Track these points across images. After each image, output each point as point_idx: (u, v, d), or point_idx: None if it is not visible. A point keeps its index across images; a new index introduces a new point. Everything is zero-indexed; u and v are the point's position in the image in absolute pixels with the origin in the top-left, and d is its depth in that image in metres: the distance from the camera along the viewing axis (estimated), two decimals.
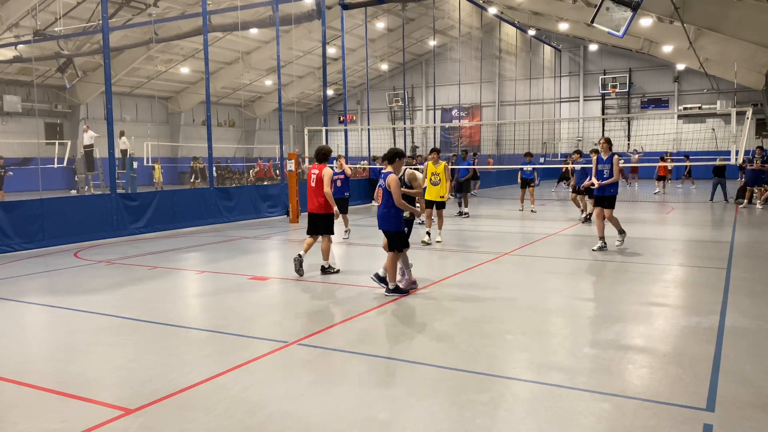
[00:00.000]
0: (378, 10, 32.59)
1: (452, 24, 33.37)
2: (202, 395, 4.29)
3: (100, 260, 10.10)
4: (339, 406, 4.07)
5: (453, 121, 40.72)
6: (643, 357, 5.01)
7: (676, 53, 31.92)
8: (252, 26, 25.17)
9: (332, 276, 8.52)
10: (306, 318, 6.39)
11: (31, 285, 8.31)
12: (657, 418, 3.82)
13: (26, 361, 5.17)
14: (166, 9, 26.01)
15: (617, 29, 13.51)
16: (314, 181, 8.50)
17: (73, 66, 25.34)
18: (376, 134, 34.49)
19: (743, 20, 19.78)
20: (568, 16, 31.70)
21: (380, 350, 5.32)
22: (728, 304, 6.60)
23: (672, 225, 14.29)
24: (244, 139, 43.22)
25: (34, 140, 28.10)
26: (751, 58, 24.64)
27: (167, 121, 39.20)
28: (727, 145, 15.99)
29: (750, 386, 4.32)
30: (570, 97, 40.81)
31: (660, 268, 8.88)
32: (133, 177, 20.22)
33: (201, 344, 5.61)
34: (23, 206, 11.48)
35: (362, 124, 43.02)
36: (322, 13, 20.40)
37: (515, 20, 34.50)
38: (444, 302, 6.95)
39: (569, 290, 7.56)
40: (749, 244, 10.99)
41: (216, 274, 8.86)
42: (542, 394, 4.24)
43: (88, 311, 6.71)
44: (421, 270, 9.01)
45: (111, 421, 3.88)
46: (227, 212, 15.49)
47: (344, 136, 22.87)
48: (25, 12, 23.82)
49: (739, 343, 5.26)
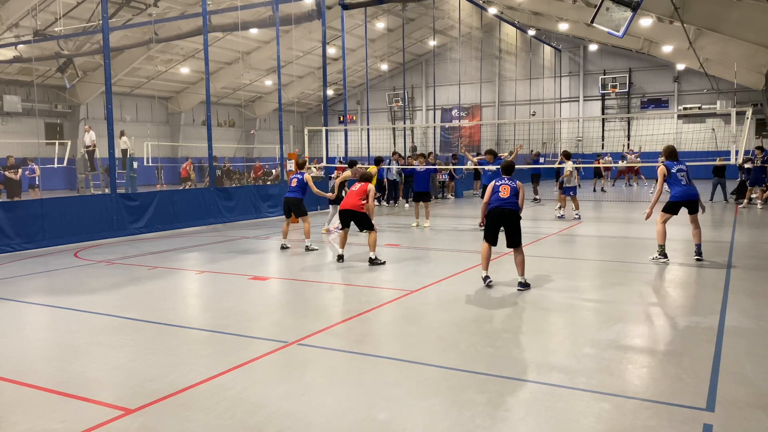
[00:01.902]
0: (378, 10, 32.58)
1: (452, 24, 33.36)
2: (202, 395, 4.29)
3: (100, 260, 10.10)
4: (339, 406, 4.07)
5: (453, 121, 40.71)
6: (643, 357, 5.01)
7: (676, 53, 31.91)
8: (252, 26, 25.16)
9: (332, 276, 8.53)
10: (306, 318, 6.39)
11: (31, 285, 8.31)
12: (657, 418, 3.82)
13: (26, 361, 5.17)
14: (166, 9, 26.01)
15: (617, 29, 13.51)
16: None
17: (73, 66, 25.33)
18: (376, 134, 34.54)
19: (743, 20, 19.77)
20: (568, 16, 31.69)
21: (380, 350, 5.32)
22: (728, 304, 6.60)
23: (672, 225, 14.22)
24: (244, 139, 43.24)
25: (34, 140, 28.08)
26: (751, 58, 24.62)
27: (167, 121, 39.19)
28: (726, 145, 15.99)
29: (750, 386, 4.32)
30: (570, 97, 40.81)
31: (660, 268, 8.88)
32: (133, 177, 20.22)
33: (201, 344, 5.61)
34: (23, 206, 11.49)
35: (362, 124, 43.01)
36: (322, 13, 20.40)
37: (515, 20, 34.49)
38: (444, 302, 6.95)
39: (569, 290, 7.55)
40: (749, 244, 10.99)
41: (216, 274, 8.86)
42: (542, 394, 4.24)
43: (88, 311, 6.72)
44: (420, 270, 9.02)
45: (111, 421, 3.88)
46: (227, 212, 15.49)
47: (344, 136, 22.88)
48: (25, 12, 23.81)
49: (739, 343, 5.26)
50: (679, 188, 9.21)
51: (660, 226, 9.27)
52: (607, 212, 17.78)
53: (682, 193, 9.18)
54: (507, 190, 7.66)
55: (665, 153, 9.60)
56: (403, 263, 9.54)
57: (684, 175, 9.26)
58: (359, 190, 9.76)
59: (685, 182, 9.24)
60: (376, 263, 9.27)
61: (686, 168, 9.37)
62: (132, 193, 15.53)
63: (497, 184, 7.74)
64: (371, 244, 9.44)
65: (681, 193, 9.19)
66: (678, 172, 9.24)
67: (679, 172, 9.24)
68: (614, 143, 37.12)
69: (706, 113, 34.35)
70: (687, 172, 9.32)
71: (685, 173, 9.28)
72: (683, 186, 9.21)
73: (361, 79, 41.99)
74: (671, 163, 9.34)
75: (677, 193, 9.21)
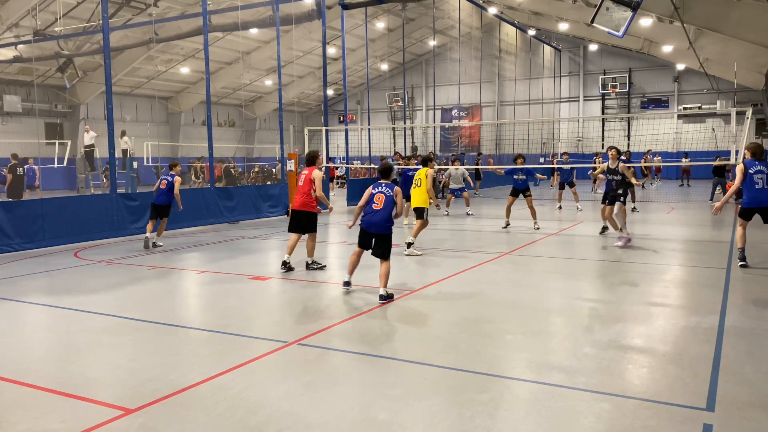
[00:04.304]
0: (378, 10, 32.58)
1: (452, 24, 33.35)
2: (202, 395, 4.29)
3: (100, 260, 10.10)
4: (339, 406, 4.07)
5: (453, 121, 40.71)
6: (643, 357, 5.01)
7: (676, 53, 31.91)
8: (252, 26, 25.16)
9: (332, 276, 8.53)
10: (306, 318, 6.39)
11: (31, 285, 8.30)
12: (657, 418, 3.82)
13: (26, 361, 5.17)
14: (166, 9, 26.01)
15: (617, 29, 13.50)
16: (302, 181, 8.87)
17: (73, 66, 25.32)
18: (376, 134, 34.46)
19: (743, 20, 19.77)
20: (568, 16, 31.70)
21: (380, 350, 5.32)
22: (728, 304, 6.60)
23: (672, 225, 14.28)
24: (244, 139, 43.23)
25: (34, 140, 28.08)
26: (751, 58, 24.62)
27: (167, 121, 39.20)
28: (726, 145, 15.99)
29: (750, 386, 4.32)
30: (570, 97, 40.81)
31: (660, 268, 8.88)
32: (133, 177, 20.21)
33: (201, 344, 5.61)
34: (23, 206, 11.48)
35: (362, 124, 43.00)
36: (322, 13, 20.39)
37: (515, 20, 34.49)
38: (444, 302, 6.95)
39: (569, 290, 7.56)
40: (749, 243, 10.96)
41: (216, 274, 8.86)
42: (542, 394, 4.24)
43: (88, 311, 6.71)
44: (420, 270, 9.01)
45: (111, 421, 3.88)
46: (228, 212, 15.48)
47: (344, 136, 22.88)
48: (25, 12, 23.82)
49: (739, 343, 5.26)
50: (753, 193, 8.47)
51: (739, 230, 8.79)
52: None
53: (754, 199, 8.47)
54: (381, 200, 7.19)
55: (750, 150, 8.73)
56: (403, 263, 9.54)
57: (762, 177, 8.44)
58: (305, 181, 8.81)
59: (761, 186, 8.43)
60: (312, 268, 8.91)
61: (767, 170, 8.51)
62: (132, 193, 15.52)
63: (373, 192, 7.29)
64: (310, 249, 8.93)
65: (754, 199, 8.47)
66: (756, 174, 8.45)
67: (756, 174, 8.45)
68: (614, 143, 37.08)
69: (706, 113, 34.36)
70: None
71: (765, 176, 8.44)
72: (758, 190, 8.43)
73: (361, 79, 42.00)
74: (751, 162, 8.56)
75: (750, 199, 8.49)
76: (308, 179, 8.78)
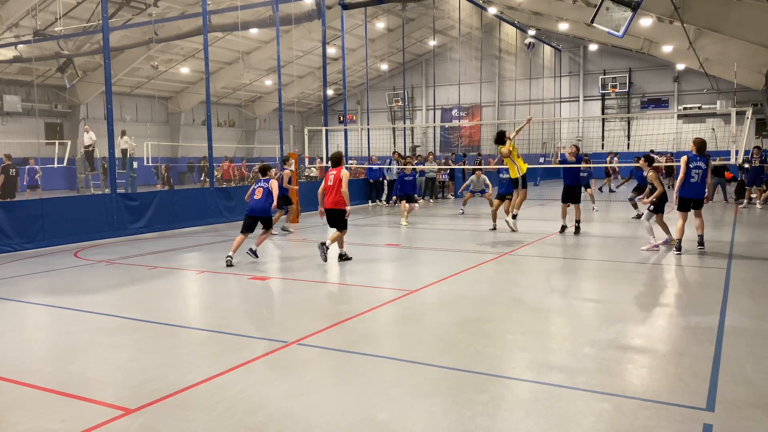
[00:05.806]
0: (378, 10, 32.58)
1: (452, 24, 33.37)
2: (202, 395, 4.29)
3: (100, 260, 10.10)
4: (339, 406, 4.07)
5: (453, 120, 40.71)
6: (643, 357, 5.00)
7: (676, 53, 31.91)
8: (252, 26, 25.17)
9: (332, 276, 8.53)
10: (306, 318, 6.39)
11: (31, 285, 8.30)
12: (657, 418, 3.82)
13: (26, 361, 5.17)
14: (166, 9, 26.01)
15: (617, 29, 13.51)
16: (332, 181, 9.52)
17: (73, 66, 25.33)
18: (376, 134, 34.52)
19: (743, 20, 19.77)
20: (568, 16, 31.70)
21: (380, 350, 5.31)
22: (728, 304, 6.59)
23: (671, 225, 14.25)
24: (244, 139, 43.24)
25: (34, 140, 28.09)
26: (751, 58, 24.63)
27: (167, 121, 39.18)
28: (726, 145, 15.99)
29: (750, 386, 4.32)
30: (570, 97, 40.81)
31: (660, 268, 8.88)
32: (133, 177, 20.22)
33: (201, 344, 5.61)
34: (23, 206, 11.49)
35: (362, 124, 42.99)
36: (322, 13, 20.41)
37: (515, 20, 34.49)
38: (444, 302, 6.94)
39: (569, 290, 7.56)
40: (749, 244, 10.98)
41: (216, 274, 8.86)
42: (542, 394, 4.24)
43: (88, 311, 6.71)
44: (420, 270, 9.02)
45: (111, 421, 3.88)
46: (227, 212, 15.48)
47: (344, 136, 22.88)
48: (25, 12, 23.82)
49: (739, 343, 5.26)
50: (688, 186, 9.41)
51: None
52: (611, 212, 17.77)
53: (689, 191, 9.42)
54: (260, 192, 9.36)
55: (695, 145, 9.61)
56: (403, 263, 9.53)
57: (699, 172, 9.37)
58: (334, 180, 9.44)
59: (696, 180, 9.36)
60: (343, 258, 9.60)
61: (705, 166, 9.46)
62: (132, 193, 15.52)
63: (254, 187, 9.40)
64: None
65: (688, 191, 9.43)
66: (694, 168, 9.36)
67: (695, 169, 9.36)
68: (614, 143, 37.10)
69: (706, 113, 34.35)
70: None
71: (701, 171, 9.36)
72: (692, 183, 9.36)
73: (361, 79, 41.98)
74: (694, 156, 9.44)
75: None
76: (337, 178, 9.40)
